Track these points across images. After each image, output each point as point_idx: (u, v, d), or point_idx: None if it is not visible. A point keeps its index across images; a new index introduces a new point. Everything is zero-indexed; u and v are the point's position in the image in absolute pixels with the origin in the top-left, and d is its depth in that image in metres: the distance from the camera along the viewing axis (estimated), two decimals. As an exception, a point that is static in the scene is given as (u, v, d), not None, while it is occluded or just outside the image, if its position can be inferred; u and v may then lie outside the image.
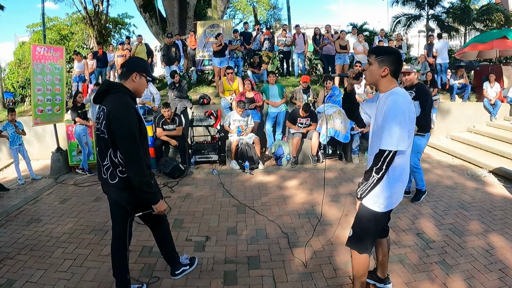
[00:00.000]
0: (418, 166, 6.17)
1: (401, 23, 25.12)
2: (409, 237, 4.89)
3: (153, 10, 18.10)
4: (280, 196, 6.70)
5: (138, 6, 18.78)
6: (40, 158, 10.82)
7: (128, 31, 26.26)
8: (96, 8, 21.86)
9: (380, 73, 2.90)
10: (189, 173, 8.38)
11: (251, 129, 8.96)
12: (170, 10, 17.51)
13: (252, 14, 29.79)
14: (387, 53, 2.91)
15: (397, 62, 2.91)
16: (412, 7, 24.33)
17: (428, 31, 23.01)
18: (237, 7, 31.42)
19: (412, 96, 5.89)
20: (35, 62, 8.54)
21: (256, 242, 4.92)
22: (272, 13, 33.09)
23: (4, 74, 23.11)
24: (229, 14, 29.59)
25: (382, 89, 2.97)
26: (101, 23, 21.90)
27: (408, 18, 24.82)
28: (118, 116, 3.11)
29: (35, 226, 5.78)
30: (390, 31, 23.49)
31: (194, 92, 12.34)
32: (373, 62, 2.92)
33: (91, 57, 13.15)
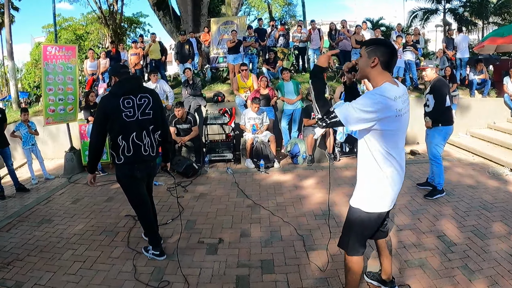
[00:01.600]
0: (438, 160, 6.07)
1: (417, 17, 24.76)
2: (430, 240, 4.68)
3: (167, 8, 18.06)
4: (296, 196, 6.53)
5: (152, 4, 18.73)
6: (54, 157, 10.80)
7: (143, 30, 26.32)
8: (110, 7, 21.94)
9: (369, 64, 2.74)
10: (203, 172, 8.26)
11: (266, 127, 8.79)
12: (184, 8, 17.43)
13: (267, 11, 29.67)
14: (376, 43, 2.77)
15: (388, 53, 2.74)
16: (428, 1, 23.96)
17: (445, 25, 22.64)
18: (251, 4, 31.30)
19: (428, 90, 6.05)
20: (46, 62, 8.51)
21: (271, 244, 4.77)
22: (287, 9, 32.94)
23: (21, 75, 23.37)
24: (243, 11, 29.50)
25: (373, 84, 2.80)
26: (116, 23, 21.98)
27: (424, 12, 24.43)
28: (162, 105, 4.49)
29: (46, 227, 5.72)
30: (406, 26, 23.13)
31: (208, 89, 12.23)
32: (363, 54, 2.80)
33: (104, 56, 13.10)
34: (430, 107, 6.02)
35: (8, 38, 16.50)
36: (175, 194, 6.90)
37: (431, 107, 6.00)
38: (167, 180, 7.83)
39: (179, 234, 4.98)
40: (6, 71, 33.23)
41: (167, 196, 6.89)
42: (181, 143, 8.58)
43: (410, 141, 10.23)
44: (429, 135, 6.17)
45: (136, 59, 12.45)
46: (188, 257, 4.53)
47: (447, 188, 6.44)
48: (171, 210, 6.19)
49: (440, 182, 6.08)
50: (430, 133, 6.13)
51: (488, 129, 10.73)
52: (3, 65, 36.63)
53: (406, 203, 5.90)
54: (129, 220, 5.82)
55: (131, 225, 5.62)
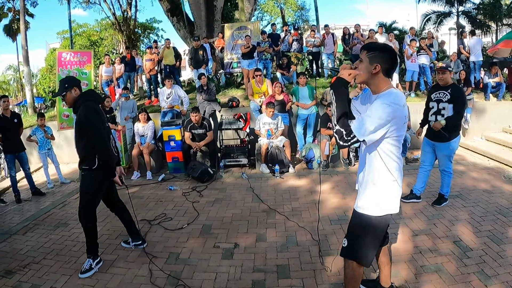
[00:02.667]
0: (451, 170, 5.84)
1: (431, 20, 24.46)
2: (445, 245, 4.60)
3: (180, 14, 18.12)
4: (311, 201, 6.47)
5: (166, 10, 18.82)
6: (70, 161, 10.82)
7: (156, 36, 26.49)
8: (124, 13, 22.11)
9: (370, 70, 2.68)
10: (218, 177, 8.25)
11: (281, 132, 8.76)
12: (197, 14, 17.50)
13: (280, 16, 29.70)
14: (379, 50, 2.71)
15: (390, 60, 2.70)
16: (441, 4, 23.71)
17: (458, 28, 22.37)
18: (264, 9, 31.36)
19: (447, 99, 5.56)
20: (60, 68, 8.67)
21: (286, 249, 4.72)
22: (300, 14, 32.92)
23: (36, 80, 23.61)
24: (256, 16, 29.54)
25: (374, 89, 2.77)
26: (130, 28, 22.15)
27: (438, 15, 24.15)
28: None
29: (62, 231, 5.75)
30: (419, 29, 22.92)
31: (223, 95, 12.24)
32: (364, 59, 2.71)
33: (118, 61, 13.18)
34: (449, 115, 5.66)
35: (24, 44, 16.70)
36: (190, 198, 6.91)
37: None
38: (182, 185, 7.84)
39: (195, 238, 4.98)
40: (21, 77, 33.70)
41: (182, 200, 6.89)
42: (196, 148, 8.59)
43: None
44: (442, 148, 5.75)
45: (151, 65, 12.49)
46: (204, 262, 4.51)
47: (463, 193, 6.38)
48: (186, 214, 6.17)
49: (448, 191, 5.94)
50: (445, 145, 5.71)
51: (503, 132, 10.55)
52: (18, 71, 37.19)
53: (421, 208, 5.83)
54: (144, 224, 5.81)
55: (146, 229, 5.62)
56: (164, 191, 7.56)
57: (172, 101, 10.09)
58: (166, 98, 10.07)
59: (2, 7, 29.50)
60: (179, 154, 8.84)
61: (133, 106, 10.32)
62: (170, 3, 18.52)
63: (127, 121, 9.81)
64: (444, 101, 5.58)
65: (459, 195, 6.32)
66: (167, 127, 9.01)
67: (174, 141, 8.84)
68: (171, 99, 10.05)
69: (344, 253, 2.97)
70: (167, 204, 6.77)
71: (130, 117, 9.98)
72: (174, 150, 8.87)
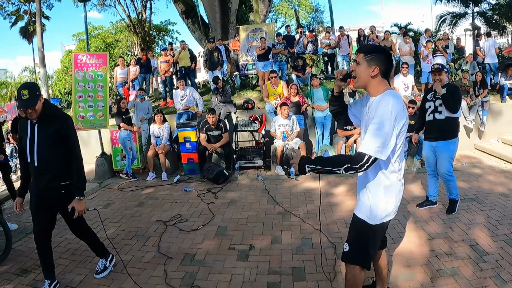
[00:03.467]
0: (452, 174, 5.66)
1: (446, 22, 24.24)
2: (462, 249, 4.51)
3: (195, 16, 18.16)
4: (326, 203, 6.41)
5: (181, 12, 18.91)
6: (85, 162, 10.76)
7: (171, 38, 26.58)
8: (139, 16, 22.24)
9: (369, 73, 2.64)
10: (234, 179, 8.24)
11: (296, 134, 8.70)
12: (212, 16, 17.54)
13: (294, 18, 29.65)
14: (376, 51, 2.66)
15: (387, 61, 2.66)
16: (456, 5, 23.46)
17: (474, 29, 22.11)
18: (278, 11, 31.30)
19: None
20: (76, 70, 8.73)
21: (302, 252, 4.68)
22: (314, 15, 32.82)
23: (51, 81, 23.78)
24: (271, 18, 29.52)
25: (372, 92, 2.71)
26: (144, 31, 22.27)
27: (453, 16, 23.92)
28: None
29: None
30: (435, 30, 22.71)
31: (238, 96, 12.25)
32: (362, 62, 2.66)
33: (134, 63, 13.25)
34: (445, 114, 5.51)
35: (40, 46, 16.89)
36: (205, 200, 6.91)
37: (447, 114, 5.50)
38: (197, 186, 7.85)
39: (210, 239, 4.97)
40: (37, 78, 34.01)
41: (197, 202, 6.88)
42: (211, 149, 8.58)
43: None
44: (443, 149, 5.58)
45: (166, 66, 12.53)
46: (219, 263, 4.49)
47: (479, 196, 6.28)
48: (201, 216, 6.15)
49: (457, 193, 5.77)
50: (445, 145, 5.56)
51: (520, 135, 10.39)
52: (34, 72, 37.54)
53: (437, 212, 5.74)
54: (160, 225, 5.81)
55: (162, 230, 5.61)
56: (179, 192, 7.56)
57: (187, 103, 10.10)
58: (181, 100, 10.08)
59: (18, 10, 29.91)
60: (194, 156, 8.84)
61: (149, 107, 10.35)
62: (185, 5, 18.61)
63: (143, 122, 9.83)
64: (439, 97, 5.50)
65: (475, 198, 6.22)
66: (182, 128, 9.01)
67: (190, 143, 8.85)
68: (185, 101, 10.06)
69: (346, 258, 2.92)
70: (182, 205, 6.76)
71: (146, 118, 10.01)
72: (189, 152, 8.87)
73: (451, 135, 5.50)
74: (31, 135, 3.76)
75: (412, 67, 11.73)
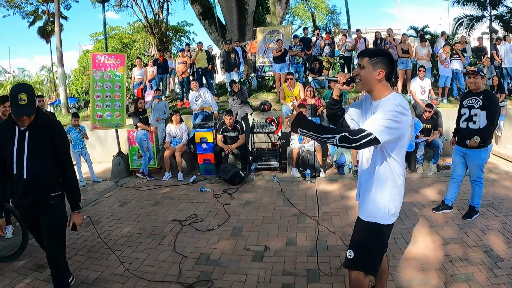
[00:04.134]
0: (481, 181, 5.58)
1: (463, 24, 23.96)
2: (476, 254, 4.46)
3: (212, 18, 18.22)
4: (342, 206, 6.39)
5: (197, 14, 18.96)
6: (102, 161, 11.05)
7: (188, 39, 26.65)
8: (156, 17, 22.33)
9: (375, 77, 2.63)
10: (249, 180, 8.25)
11: (312, 136, 8.63)
12: (229, 17, 17.56)
13: (311, 20, 29.59)
14: (381, 55, 2.66)
15: (391, 64, 2.66)
16: (473, 8, 23.17)
17: (491, 32, 21.83)
18: (295, 13, 31.24)
19: (479, 105, 5.33)
20: (94, 70, 8.83)
21: (316, 254, 4.62)
22: (330, 18, 32.72)
23: (69, 81, 24.03)
24: (287, 20, 29.46)
25: (376, 95, 2.69)
26: (161, 31, 22.34)
27: (470, 19, 23.62)
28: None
29: (94, 228, 5.77)
30: (451, 33, 22.46)
31: (254, 98, 12.27)
32: (367, 65, 2.64)
33: (151, 64, 13.33)
34: (480, 124, 5.38)
35: (58, 45, 17.08)
36: (221, 200, 6.93)
37: (482, 125, 5.37)
38: (213, 187, 7.87)
39: (225, 240, 5.01)
40: (54, 77, 34.38)
41: (213, 202, 6.89)
42: (228, 150, 8.60)
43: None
44: (474, 156, 5.50)
45: (183, 67, 12.58)
46: (234, 263, 4.51)
47: (495, 202, 6.19)
48: (217, 216, 6.17)
49: (479, 202, 5.67)
50: (476, 154, 5.47)
51: (537, 140, 10.21)
52: (51, 71, 37.98)
53: (453, 216, 5.67)
54: (175, 225, 5.84)
55: (177, 230, 5.63)
56: (195, 193, 7.59)
57: (202, 103, 10.14)
58: (196, 101, 10.13)
59: (36, 10, 30.21)
60: (210, 156, 8.87)
61: (165, 107, 10.40)
62: (202, 7, 18.66)
63: (159, 122, 9.87)
64: (476, 107, 5.36)
65: (491, 204, 6.13)
66: (199, 129, 9.04)
67: (206, 143, 8.86)
68: (200, 101, 10.09)
69: (350, 264, 2.87)
70: (198, 205, 6.78)
71: (162, 119, 10.05)
72: (205, 152, 8.89)
73: (483, 144, 5.37)
74: (19, 143, 3.26)
75: (429, 71, 11.62)
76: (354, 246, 2.87)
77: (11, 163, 3.27)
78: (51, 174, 3.45)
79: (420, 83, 10.15)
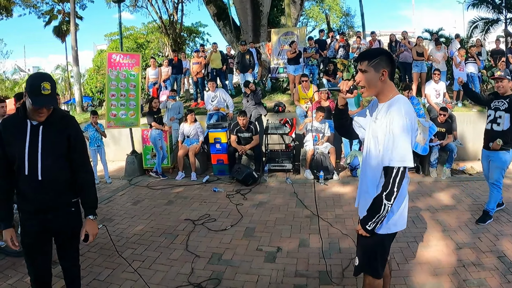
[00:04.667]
0: (500, 184, 5.54)
1: (478, 28, 23.68)
2: (489, 260, 4.40)
3: (227, 19, 18.23)
4: (355, 209, 6.24)
5: (212, 15, 18.99)
6: (115, 159, 11.11)
7: (202, 39, 26.75)
8: (171, 17, 22.47)
9: (379, 78, 2.56)
10: (262, 181, 8.25)
11: (326, 139, 8.67)
12: (243, 18, 17.55)
13: (325, 22, 29.52)
14: (380, 54, 2.58)
15: (391, 62, 2.59)
16: (489, 11, 22.89)
17: (506, 36, 21.57)
18: (309, 14, 31.20)
19: (504, 107, 5.33)
20: (110, 69, 8.90)
21: (329, 256, 4.62)
22: (345, 20, 32.63)
23: (83, 80, 24.22)
24: (302, 22, 29.42)
25: (382, 98, 2.63)
26: (176, 32, 22.47)
27: (485, 22, 23.34)
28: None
29: (107, 226, 5.81)
30: (466, 36, 22.24)
31: (268, 99, 12.27)
32: (368, 69, 2.56)
33: (166, 64, 13.39)
34: (503, 126, 5.39)
35: (74, 45, 17.23)
36: (234, 201, 6.94)
37: (505, 127, 5.38)
38: (226, 187, 7.88)
39: (238, 240, 5.03)
40: (69, 76, 34.68)
41: (226, 202, 6.90)
42: (241, 151, 8.62)
43: (471, 157, 9.83)
44: (495, 159, 5.49)
45: (198, 68, 12.62)
46: (246, 264, 4.51)
47: (509, 207, 6.10)
48: (230, 216, 6.17)
49: (494, 207, 5.63)
50: (498, 156, 5.46)
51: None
52: (66, 70, 38.33)
53: (466, 221, 5.61)
54: (188, 224, 5.86)
55: (190, 229, 5.65)
56: (208, 192, 7.61)
57: (218, 104, 10.16)
58: (211, 101, 10.14)
59: (52, 9, 30.56)
60: (224, 157, 8.89)
61: (180, 107, 10.45)
62: (216, 8, 18.69)
63: (173, 121, 9.90)
64: (501, 109, 5.37)
65: (505, 209, 6.05)
66: (213, 129, 9.07)
67: (220, 144, 8.89)
68: (216, 102, 10.11)
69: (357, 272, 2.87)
70: (211, 205, 6.80)
71: (176, 118, 10.08)
72: (219, 153, 8.92)
73: (505, 147, 5.36)
74: (32, 139, 2.84)
75: (444, 74, 11.52)
76: (358, 253, 2.87)
77: (21, 163, 2.82)
78: (65, 176, 2.98)
79: (435, 86, 10.06)
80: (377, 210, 2.49)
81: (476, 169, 8.60)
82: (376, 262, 2.77)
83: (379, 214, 2.49)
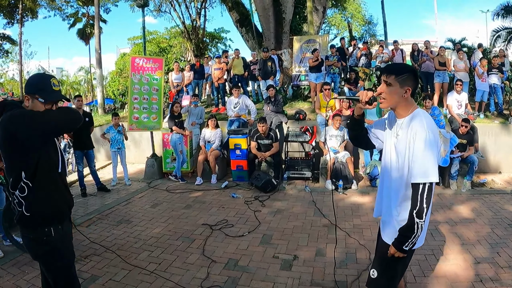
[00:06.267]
0: None
1: (501, 37, 23.24)
2: (508, 275, 4.28)
3: (249, 25, 18.30)
4: (373, 219, 6.19)
5: (235, 21, 19.09)
6: (135, 162, 11.21)
7: (224, 45, 26.90)
8: (193, 23, 22.60)
9: (402, 94, 2.53)
10: (281, 188, 8.20)
11: (345, 143, 8.63)
12: (266, 25, 17.59)
13: (347, 30, 29.42)
14: (408, 71, 2.54)
15: (416, 80, 2.58)
16: (512, 20, 22.45)
17: (530, 46, 21.24)
18: (331, 22, 31.10)
19: None
20: (133, 73, 9.01)
21: (345, 266, 4.59)
22: (367, 28, 32.45)
23: (106, 82, 24.53)
24: (324, 29, 29.37)
25: (401, 113, 2.59)
26: (198, 37, 22.60)
27: (508, 32, 22.89)
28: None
29: (125, 227, 5.91)
30: (489, 46, 21.88)
31: (289, 107, 12.27)
32: (394, 83, 2.52)
33: (188, 69, 13.45)
34: None
35: (97, 47, 17.50)
36: (252, 207, 6.92)
37: None
38: (245, 193, 7.87)
39: (255, 247, 5.02)
40: (92, 78, 35.19)
41: (244, 208, 6.89)
42: (261, 158, 8.60)
43: (492, 169, 9.59)
44: None
45: (220, 74, 12.68)
46: (262, 271, 4.49)
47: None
48: (247, 223, 6.16)
49: None
50: None
51: None
52: (89, 72, 38.90)
53: (485, 235, 5.47)
54: (206, 229, 5.86)
55: (207, 234, 5.65)
56: (226, 198, 7.61)
57: (239, 110, 10.16)
58: (234, 107, 10.16)
59: (76, 12, 31.14)
60: (243, 163, 8.89)
61: (201, 113, 10.50)
62: (239, 14, 18.79)
63: (194, 126, 9.94)
64: None
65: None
66: (233, 135, 9.08)
67: (240, 150, 8.90)
68: (238, 108, 10.12)
69: (374, 284, 2.81)
70: (229, 211, 6.79)
71: (197, 123, 10.13)
72: (239, 159, 8.92)
73: None
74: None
75: (466, 84, 11.35)
76: (377, 265, 2.81)
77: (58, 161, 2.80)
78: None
79: (457, 97, 9.92)
80: (411, 230, 2.45)
81: (497, 182, 8.48)
82: (395, 280, 2.75)
83: (414, 234, 2.44)
